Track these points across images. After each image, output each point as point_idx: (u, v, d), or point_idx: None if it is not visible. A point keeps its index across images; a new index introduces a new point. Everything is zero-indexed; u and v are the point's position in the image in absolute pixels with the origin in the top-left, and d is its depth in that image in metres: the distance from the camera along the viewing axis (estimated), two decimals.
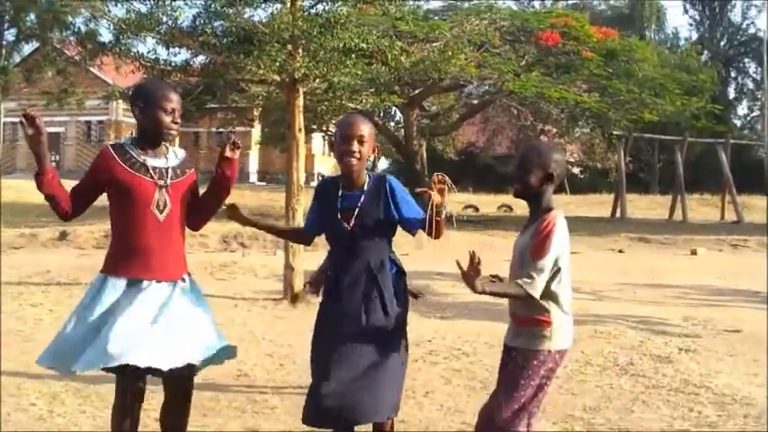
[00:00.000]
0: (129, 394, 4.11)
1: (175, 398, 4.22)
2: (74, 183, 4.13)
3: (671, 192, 31.87)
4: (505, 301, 3.83)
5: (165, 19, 11.89)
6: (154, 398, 4.67)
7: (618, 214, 29.88)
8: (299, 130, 11.68)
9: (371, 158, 4.35)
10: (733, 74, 62.93)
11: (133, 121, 4.27)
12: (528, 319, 3.76)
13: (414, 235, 4.30)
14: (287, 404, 6.06)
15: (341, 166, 4.18)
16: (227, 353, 4.27)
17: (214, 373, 6.88)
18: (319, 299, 4.43)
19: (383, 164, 60.62)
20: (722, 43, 62.09)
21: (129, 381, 4.08)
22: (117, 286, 4.01)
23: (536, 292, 3.64)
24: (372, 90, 19.26)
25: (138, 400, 4.16)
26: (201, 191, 4.34)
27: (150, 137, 4.17)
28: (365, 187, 4.18)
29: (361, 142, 4.11)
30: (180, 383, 4.16)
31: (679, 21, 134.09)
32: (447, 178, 3.86)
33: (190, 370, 4.11)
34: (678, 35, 70.72)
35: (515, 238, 3.90)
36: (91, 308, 3.99)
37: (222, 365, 6.96)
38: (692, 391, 6.60)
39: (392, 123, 41.02)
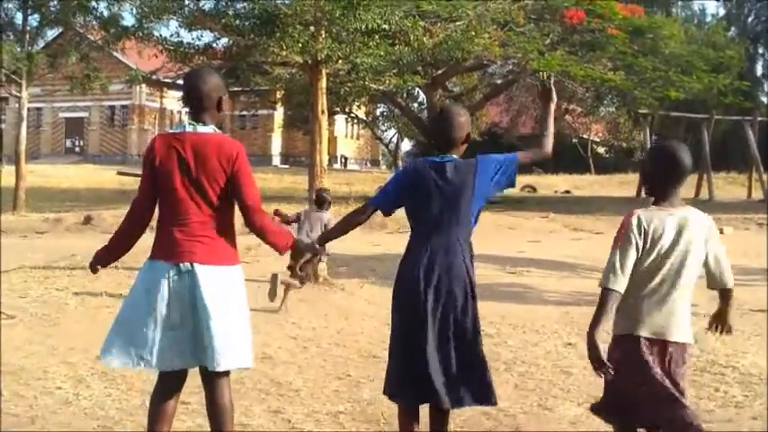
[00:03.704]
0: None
1: None
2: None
3: (697, 170, 31.52)
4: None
5: (187, 2, 11.92)
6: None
7: (643, 194, 29.60)
8: (322, 111, 11.66)
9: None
10: (761, 50, 61.92)
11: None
12: None
13: None
14: (311, 387, 6.07)
15: None
16: None
17: None
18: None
19: (406, 145, 60.62)
20: (750, 19, 61.05)
21: None
22: None
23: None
24: (395, 71, 19.12)
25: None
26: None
27: None
28: None
29: None
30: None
31: None
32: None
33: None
34: (705, 11, 70.29)
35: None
36: None
37: None
38: (719, 371, 6.56)
39: (415, 104, 40.91)
